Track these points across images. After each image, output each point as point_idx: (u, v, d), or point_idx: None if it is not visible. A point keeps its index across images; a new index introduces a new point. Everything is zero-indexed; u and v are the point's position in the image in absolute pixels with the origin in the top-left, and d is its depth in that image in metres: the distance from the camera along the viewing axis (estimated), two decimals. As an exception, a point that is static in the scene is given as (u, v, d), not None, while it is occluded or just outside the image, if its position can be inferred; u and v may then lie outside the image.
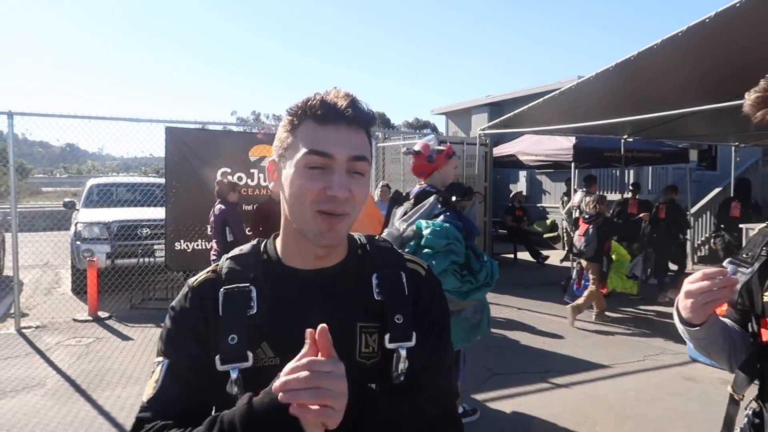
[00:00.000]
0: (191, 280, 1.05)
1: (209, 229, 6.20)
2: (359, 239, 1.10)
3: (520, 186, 15.35)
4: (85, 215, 8.20)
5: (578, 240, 6.91)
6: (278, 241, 1.07)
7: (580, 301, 6.64)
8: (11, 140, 6.37)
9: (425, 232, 3.14)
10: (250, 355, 0.95)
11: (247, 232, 5.97)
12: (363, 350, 1.00)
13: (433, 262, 3.05)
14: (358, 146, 0.98)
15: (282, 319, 0.98)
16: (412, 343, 1.00)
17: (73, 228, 8.12)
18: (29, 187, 30.35)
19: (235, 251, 1.06)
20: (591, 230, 6.72)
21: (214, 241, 6.00)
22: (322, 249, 1.01)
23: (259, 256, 1.05)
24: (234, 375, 0.94)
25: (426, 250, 3.10)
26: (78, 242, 7.73)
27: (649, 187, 13.08)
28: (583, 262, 6.90)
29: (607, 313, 6.82)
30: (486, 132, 9.15)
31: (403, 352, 0.99)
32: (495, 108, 16.16)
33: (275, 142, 1.04)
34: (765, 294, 1.29)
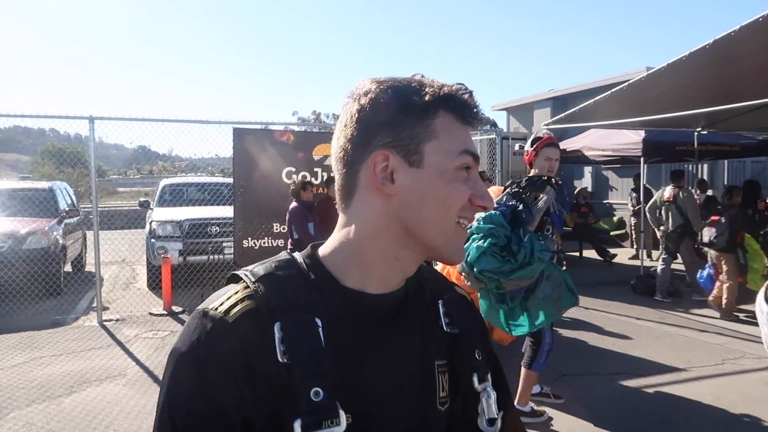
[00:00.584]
0: (218, 311, 0.73)
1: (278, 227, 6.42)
2: None
3: (585, 182, 14.92)
4: (158, 214, 8.60)
5: (708, 231, 6.80)
6: (332, 254, 0.81)
7: (723, 301, 6.62)
8: (92, 143, 6.76)
9: (475, 223, 3.45)
10: (343, 415, 0.70)
11: (310, 231, 6.10)
12: (440, 395, 0.83)
13: (474, 244, 3.39)
14: None
15: (349, 360, 0.75)
16: (490, 381, 0.87)
17: (147, 226, 8.53)
18: (106, 188, 32.09)
19: (269, 266, 0.78)
20: (723, 221, 6.61)
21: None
22: (411, 269, 0.83)
23: (305, 275, 0.78)
24: None
25: (474, 236, 3.44)
26: (153, 240, 8.13)
27: (725, 182, 12.42)
28: (712, 254, 6.80)
29: (684, 315, 6.57)
30: (549, 127, 8.93)
31: (492, 392, 0.84)
32: (558, 102, 15.77)
33: (380, 124, 0.77)
34: None
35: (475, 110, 0.80)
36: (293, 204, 6.19)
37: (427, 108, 0.77)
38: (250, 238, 7.23)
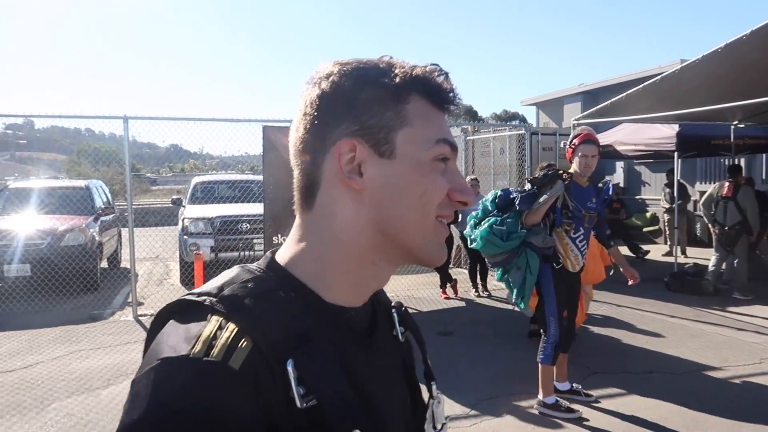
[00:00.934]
0: (213, 356, 0.56)
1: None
2: None
3: (618, 177, 14.66)
4: (191, 211, 8.76)
5: None
6: (301, 265, 0.68)
7: None
8: (126, 142, 6.92)
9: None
10: None
11: None
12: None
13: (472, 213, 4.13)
14: None
15: (356, 387, 0.64)
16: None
17: (180, 223, 8.70)
18: (140, 185, 32.76)
19: (242, 287, 0.63)
20: None
21: None
22: (386, 275, 0.74)
23: (287, 294, 0.64)
24: None
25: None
26: (185, 236, 8.29)
27: (763, 177, 12.07)
28: None
29: (720, 313, 6.42)
30: (580, 122, 8.80)
31: (443, 399, 0.81)
32: (589, 97, 15.55)
33: (345, 110, 0.67)
34: None
35: (451, 94, 0.71)
36: None
37: (399, 91, 0.68)
38: (279, 235, 7.29)
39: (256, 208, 7.93)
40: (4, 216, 8.30)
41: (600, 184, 4.02)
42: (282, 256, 0.70)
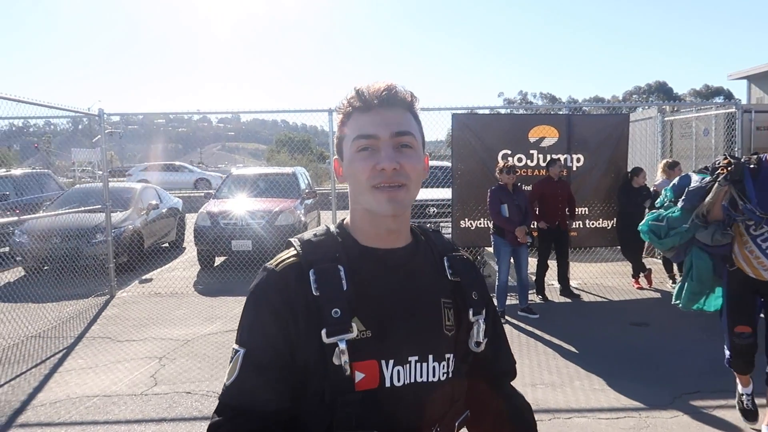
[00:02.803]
0: (271, 265, 1.07)
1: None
2: (412, 227, 1.18)
3: None
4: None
5: None
6: (350, 224, 1.12)
7: None
8: (331, 132, 7.65)
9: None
10: (354, 326, 1.00)
11: (503, 212, 6.14)
12: (447, 323, 1.11)
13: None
14: (401, 123, 1.07)
15: (369, 295, 1.03)
16: (483, 316, 1.14)
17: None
18: (327, 171, 35.48)
19: (312, 233, 1.10)
20: None
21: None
22: (391, 222, 1.07)
23: (335, 239, 1.09)
24: (342, 345, 0.98)
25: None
26: (376, 219, 8.93)
27: None
28: None
29: None
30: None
31: (483, 323, 1.13)
32: (818, 66, 13.39)
33: (336, 142, 1.14)
34: None
35: (371, 97, 1.06)
36: (492, 187, 6.32)
37: (343, 119, 1.11)
38: (466, 219, 7.58)
39: (442, 193, 8.25)
40: (229, 198, 9.70)
41: None
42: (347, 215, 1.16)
